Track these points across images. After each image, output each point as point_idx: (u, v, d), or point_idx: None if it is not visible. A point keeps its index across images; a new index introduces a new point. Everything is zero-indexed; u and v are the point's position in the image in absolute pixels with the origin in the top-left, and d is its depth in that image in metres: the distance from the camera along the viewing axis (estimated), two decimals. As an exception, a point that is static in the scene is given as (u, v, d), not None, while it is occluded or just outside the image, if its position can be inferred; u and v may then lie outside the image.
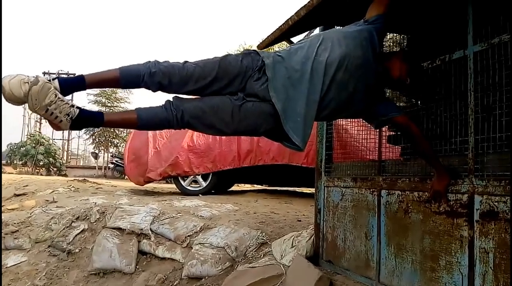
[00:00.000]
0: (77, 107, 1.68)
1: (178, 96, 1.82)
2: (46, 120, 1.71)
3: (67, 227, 4.38)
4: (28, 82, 1.56)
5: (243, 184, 10.25)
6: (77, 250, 4.15)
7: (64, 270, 3.94)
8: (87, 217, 4.50)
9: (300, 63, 1.84)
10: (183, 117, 1.75)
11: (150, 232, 4.10)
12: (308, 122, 1.83)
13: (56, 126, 1.67)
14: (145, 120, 1.76)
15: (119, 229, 4.17)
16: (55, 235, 4.33)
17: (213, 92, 1.83)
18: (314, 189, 3.30)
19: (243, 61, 1.85)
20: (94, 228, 4.34)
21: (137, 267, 3.89)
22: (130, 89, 19.57)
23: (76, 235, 4.28)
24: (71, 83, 1.71)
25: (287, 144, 1.87)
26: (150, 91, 1.81)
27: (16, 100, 1.57)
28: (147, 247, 4.03)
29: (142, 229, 4.11)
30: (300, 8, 2.51)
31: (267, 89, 1.80)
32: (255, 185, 10.25)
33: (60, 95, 1.62)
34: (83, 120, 1.69)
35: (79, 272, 3.90)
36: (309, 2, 2.43)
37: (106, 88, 18.63)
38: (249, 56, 1.88)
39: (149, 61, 1.79)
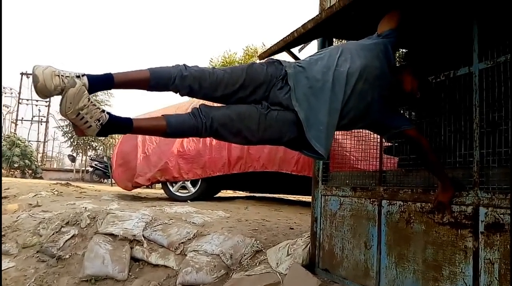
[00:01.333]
0: (107, 113, 1.63)
1: (205, 104, 1.82)
2: (72, 125, 1.64)
3: (57, 232, 4.27)
4: (58, 75, 1.52)
5: (225, 190, 10.19)
6: (67, 256, 4.05)
7: (54, 276, 3.84)
8: (77, 222, 4.40)
9: (321, 73, 1.88)
10: (212, 125, 1.75)
11: (143, 238, 4.04)
12: (330, 131, 1.87)
13: (81, 132, 1.60)
14: (174, 128, 1.74)
15: (111, 235, 4.09)
16: (44, 240, 4.22)
17: (238, 100, 1.85)
18: (301, 196, 3.33)
19: (268, 69, 1.88)
20: (85, 234, 4.24)
21: (130, 274, 3.82)
22: (111, 92, 19.35)
23: (66, 241, 4.17)
24: (99, 81, 1.65)
25: (308, 153, 1.90)
26: (177, 94, 1.80)
27: (46, 93, 1.53)
28: (140, 254, 3.97)
29: (135, 235, 4.04)
30: (308, 21, 2.57)
31: (290, 98, 1.84)
32: (237, 191, 10.21)
33: (92, 99, 1.56)
34: (112, 126, 1.64)
35: (70, 278, 3.81)
36: (317, 15, 2.48)
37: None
38: (273, 65, 1.92)
39: (179, 65, 1.79)
